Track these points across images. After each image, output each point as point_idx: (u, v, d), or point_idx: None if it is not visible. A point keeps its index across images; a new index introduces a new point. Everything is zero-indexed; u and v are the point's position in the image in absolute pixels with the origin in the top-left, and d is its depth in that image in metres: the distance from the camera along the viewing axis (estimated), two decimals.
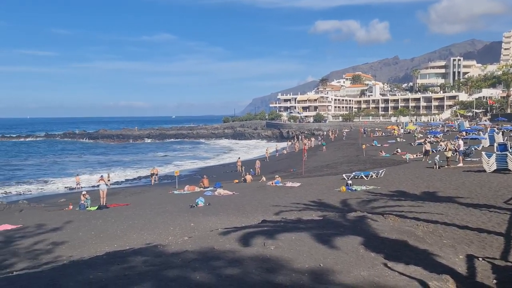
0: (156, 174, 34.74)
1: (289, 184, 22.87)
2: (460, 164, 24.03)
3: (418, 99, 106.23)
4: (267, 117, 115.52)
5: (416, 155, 32.22)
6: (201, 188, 25.30)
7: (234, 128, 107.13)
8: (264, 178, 27.45)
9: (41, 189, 34.04)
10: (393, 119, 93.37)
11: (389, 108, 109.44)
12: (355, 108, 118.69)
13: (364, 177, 22.69)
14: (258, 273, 5.69)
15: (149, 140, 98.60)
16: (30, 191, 32.90)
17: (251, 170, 34.29)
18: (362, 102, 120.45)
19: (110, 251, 9.15)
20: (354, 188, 19.32)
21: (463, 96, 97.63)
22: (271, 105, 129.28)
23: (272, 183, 23.67)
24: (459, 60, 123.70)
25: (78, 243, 11.77)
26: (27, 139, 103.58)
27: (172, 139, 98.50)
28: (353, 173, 23.98)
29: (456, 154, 25.92)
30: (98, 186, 23.79)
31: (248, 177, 28.71)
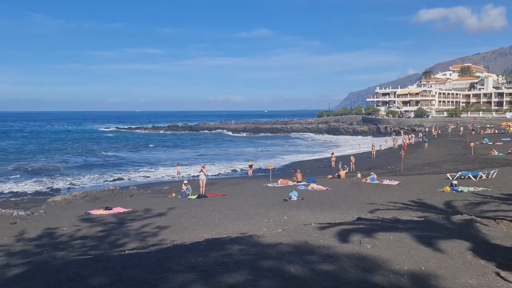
0: (251, 167, 35.82)
1: (386, 182, 21.89)
2: None
3: None
4: (363, 111, 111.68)
5: None
6: (295, 182, 25.41)
7: (328, 123, 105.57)
8: (359, 175, 26.65)
9: (148, 177, 37.13)
10: (508, 114, 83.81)
11: (504, 103, 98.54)
12: (462, 102, 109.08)
13: (472, 177, 20.80)
14: (354, 271, 5.54)
15: (244, 134, 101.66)
16: (137, 179, 36.09)
17: (346, 166, 33.49)
18: (471, 96, 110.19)
19: (209, 238, 9.64)
20: (459, 189, 17.83)
21: None
22: (368, 100, 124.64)
23: (367, 180, 22.87)
24: None
25: (180, 228, 12.58)
26: (136, 131, 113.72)
27: (267, 134, 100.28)
28: (459, 173, 22.12)
29: None
30: (198, 176, 25.20)
31: (343, 173, 28.10)
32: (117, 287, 4.87)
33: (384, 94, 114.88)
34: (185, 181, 23.37)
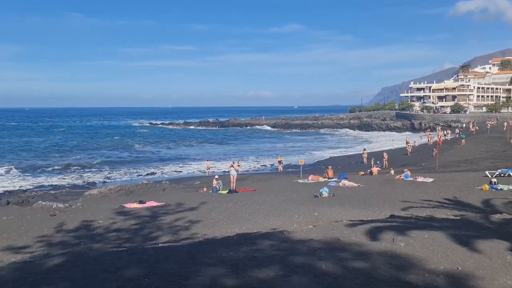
0: (281, 162, 35.75)
1: (420, 179, 21.33)
2: None
3: None
4: (397, 107, 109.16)
5: None
6: (325, 179, 25.18)
7: (360, 118, 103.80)
8: (392, 171, 26.11)
9: (179, 171, 37.75)
10: None
11: None
12: (503, 97, 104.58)
13: None
14: (387, 269, 5.44)
15: (274, 129, 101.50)
16: (170, 173, 36.76)
17: (378, 162, 32.87)
18: None
19: (240, 232, 9.71)
20: (499, 187, 17.15)
21: None
22: (401, 95, 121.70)
23: (401, 177, 22.37)
24: None
25: (211, 222, 12.73)
26: (168, 126, 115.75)
27: (297, 129, 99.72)
28: (499, 171, 21.26)
29: None
30: (229, 171, 25.40)
31: (375, 170, 27.60)
32: (150, 279, 4.98)
33: (419, 89, 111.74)
34: (216, 176, 23.59)
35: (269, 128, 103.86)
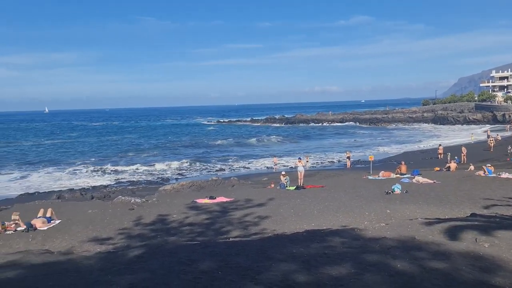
0: (349, 158, 34.96)
1: (504, 175, 19.74)
2: None
3: None
4: (476, 98, 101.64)
5: None
6: (397, 175, 24.18)
7: (435, 111, 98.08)
8: (472, 167, 24.42)
9: (247, 168, 38.37)
10: None
11: None
12: None
13: None
14: (469, 271, 5.09)
15: (342, 124, 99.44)
16: (235, 169, 37.51)
17: (456, 157, 30.88)
18: None
19: (309, 229, 9.65)
20: None
21: None
22: (481, 85, 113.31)
23: (482, 173, 20.84)
24: None
25: (280, 218, 12.79)
26: (236, 124, 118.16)
27: (366, 124, 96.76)
28: None
29: None
30: (296, 167, 25.33)
31: (453, 165, 25.95)
32: (224, 272, 5.12)
33: (502, 78, 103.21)
34: (283, 172, 23.63)
35: (337, 123, 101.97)
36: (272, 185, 22.80)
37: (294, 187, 21.42)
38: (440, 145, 38.61)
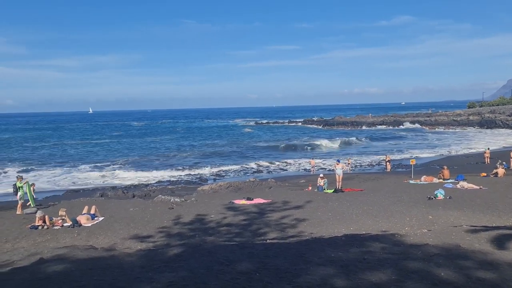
0: (389, 162, 34.09)
1: None
2: None
3: None
4: None
5: None
6: (440, 180, 23.33)
7: (481, 114, 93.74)
8: None
9: (285, 170, 38.24)
10: None
11: None
12: None
13: None
14: None
15: (382, 127, 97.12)
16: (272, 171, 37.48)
17: (504, 163, 29.38)
18: None
19: (348, 233, 9.49)
20: None
21: None
22: None
23: None
24: None
25: (317, 221, 12.66)
26: (274, 125, 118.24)
27: (407, 126, 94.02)
28: None
29: None
30: (334, 170, 24.98)
31: (501, 171, 24.72)
32: (261, 274, 5.13)
33: None
34: (321, 175, 23.37)
35: (378, 126, 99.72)
36: (310, 188, 22.60)
37: (332, 190, 21.14)
38: (488, 149, 36.86)
